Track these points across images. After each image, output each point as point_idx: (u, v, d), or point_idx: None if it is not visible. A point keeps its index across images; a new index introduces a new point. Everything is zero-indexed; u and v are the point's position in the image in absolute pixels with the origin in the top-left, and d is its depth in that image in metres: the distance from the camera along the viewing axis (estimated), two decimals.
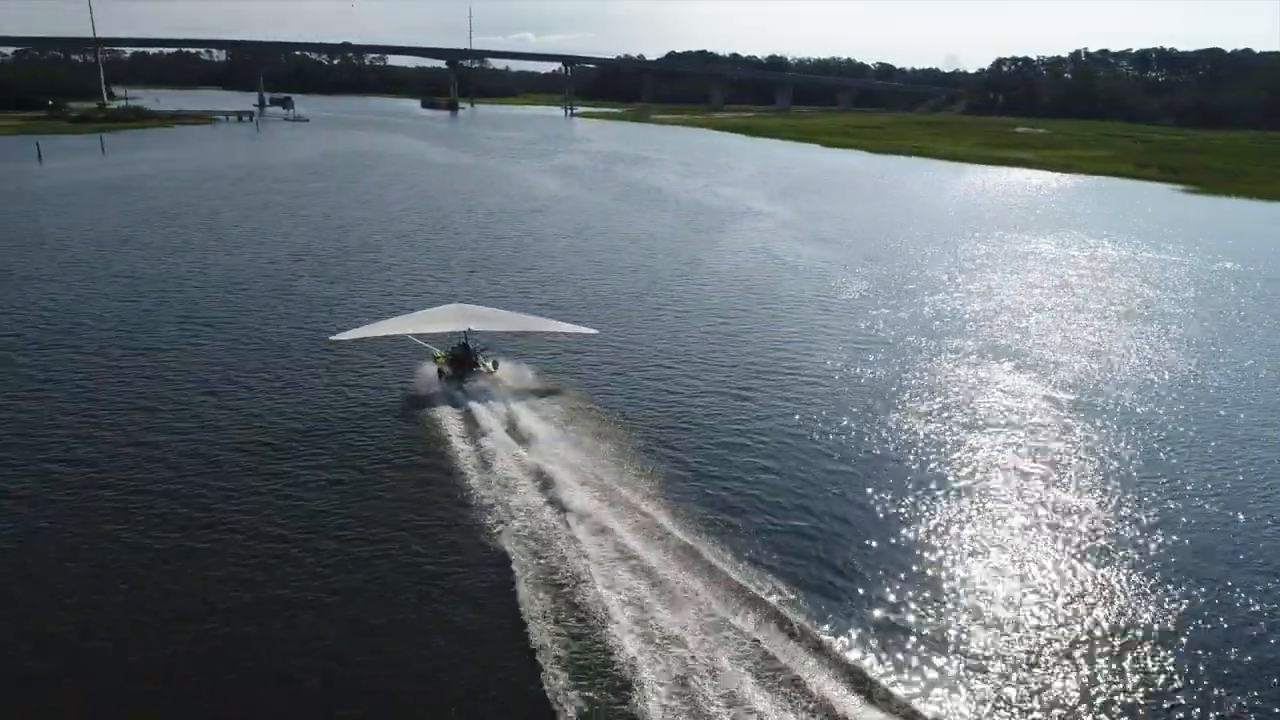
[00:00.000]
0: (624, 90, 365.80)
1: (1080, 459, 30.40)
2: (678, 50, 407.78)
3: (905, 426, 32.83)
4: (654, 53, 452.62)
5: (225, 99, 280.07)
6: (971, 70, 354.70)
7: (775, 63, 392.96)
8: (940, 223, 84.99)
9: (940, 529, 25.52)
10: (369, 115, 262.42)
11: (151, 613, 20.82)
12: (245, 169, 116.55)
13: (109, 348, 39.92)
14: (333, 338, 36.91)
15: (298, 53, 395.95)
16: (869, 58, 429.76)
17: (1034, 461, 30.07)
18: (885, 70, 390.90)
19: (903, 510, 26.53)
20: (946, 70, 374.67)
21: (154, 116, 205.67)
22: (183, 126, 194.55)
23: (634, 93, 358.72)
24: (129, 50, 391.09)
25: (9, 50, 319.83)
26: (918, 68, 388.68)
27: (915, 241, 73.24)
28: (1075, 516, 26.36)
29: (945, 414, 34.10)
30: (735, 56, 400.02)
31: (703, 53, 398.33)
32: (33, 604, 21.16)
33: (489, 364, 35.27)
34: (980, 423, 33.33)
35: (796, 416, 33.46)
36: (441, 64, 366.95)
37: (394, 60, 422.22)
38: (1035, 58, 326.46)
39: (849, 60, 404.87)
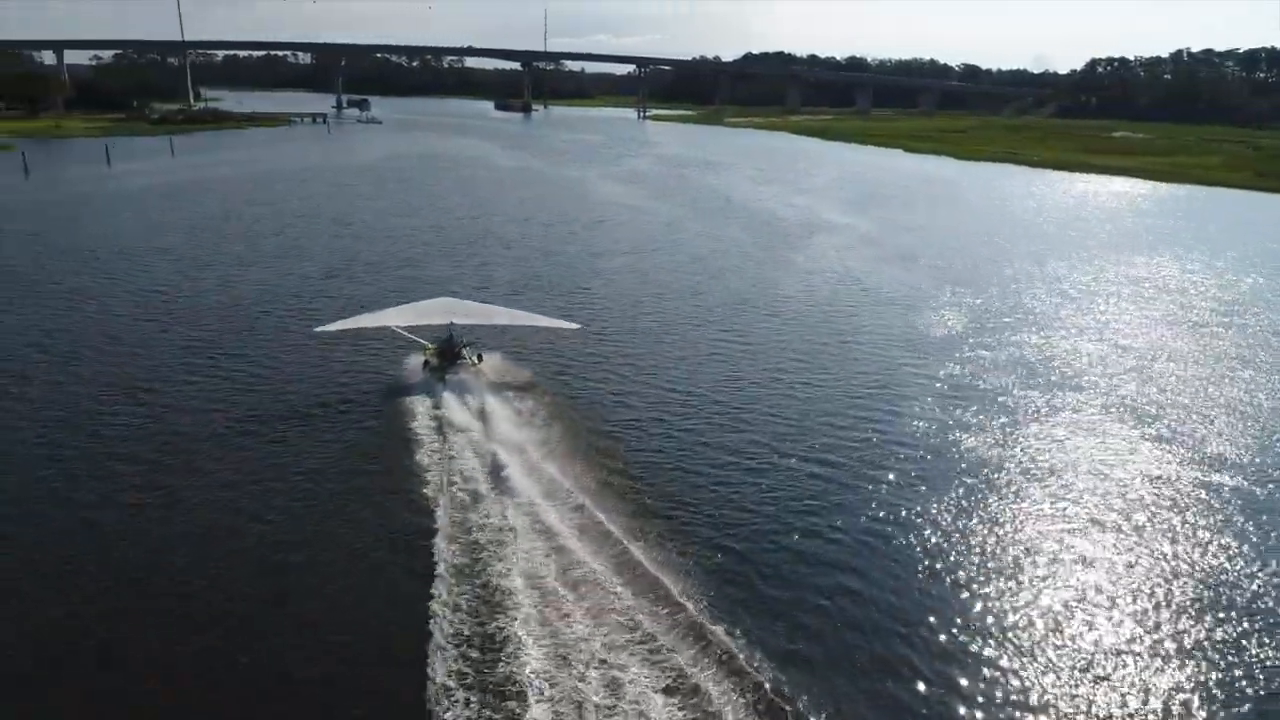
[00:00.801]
0: (698, 92, 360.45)
1: (1257, 580, 23.45)
2: (754, 51, 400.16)
3: (1014, 521, 26.21)
4: (730, 54, 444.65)
5: (307, 100, 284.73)
6: (1062, 71, 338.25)
7: (855, 63, 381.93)
8: (1037, 239, 76.88)
9: (1068, 692, 19.22)
10: (442, 117, 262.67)
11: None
12: (307, 173, 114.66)
13: (110, 359, 39.21)
14: (317, 329, 37.87)
15: (379, 55, 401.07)
16: (953, 58, 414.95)
17: (1199, 586, 23.03)
18: (970, 71, 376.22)
19: (1005, 649, 20.31)
20: (1036, 71, 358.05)
21: (231, 118, 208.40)
22: (257, 128, 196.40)
23: (708, 94, 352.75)
24: (220, 54, 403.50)
25: (108, 54, 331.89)
26: (1004, 69, 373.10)
27: (1011, 261, 65.65)
28: (1261, 674, 19.72)
29: (1069, 507, 27.07)
30: (813, 58, 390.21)
31: (780, 54, 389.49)
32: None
33: (474, 356, 36.04)
34: (1117, 522, 26.23)
35: (871, 491, 27.39)
36: (517, 66, 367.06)
37: (471, 62, 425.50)
38: (1133, 58, 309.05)
39: (932, 61, 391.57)
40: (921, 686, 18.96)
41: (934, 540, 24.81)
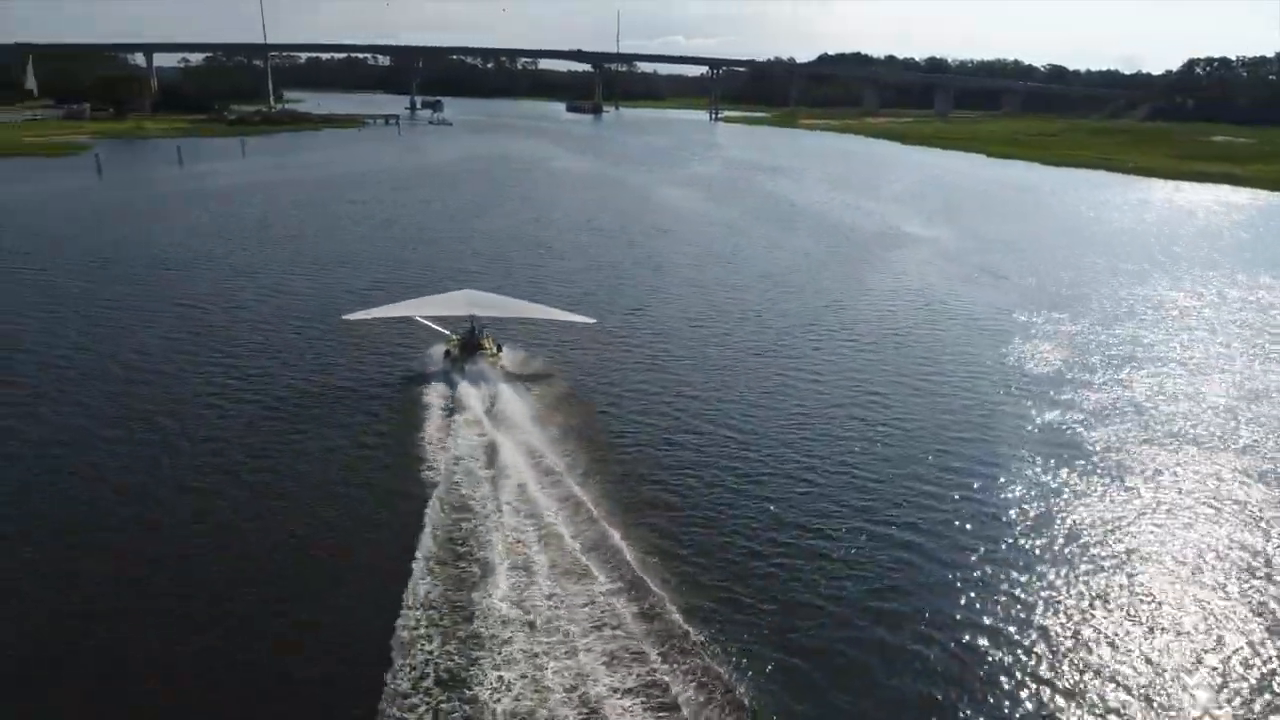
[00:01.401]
0: (772, 93, 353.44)
1: None
2: (830, 52, 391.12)
3: (1152, 629, 21.33)
4: (806, 55, 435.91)
5: (383, 102, 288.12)
6: (1156, 72, 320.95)
7: (935, 64, 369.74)
8: (1140, 255, 70.17)
9: None
10: (513, 118, 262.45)
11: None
12: (370, 176, 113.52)
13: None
14: (344, 317, 39.30)
15: (454, 57, 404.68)
16: (1038, 59, 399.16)
17: None
18: (1056, 72, 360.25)
19: None
20: (1127, 72, 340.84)
21: (306, 119, 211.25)
22: (331, 130, 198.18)
23: (782, 96, 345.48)
24: (304, 56, 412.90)
25: (198, 56, 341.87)
26: (1093, 69, 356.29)
27: (1112, 281, 59.53)
28: None
29: (1220, 605, 22.14)
30: (891, 58, 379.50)
31: (857, 54, 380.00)
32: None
33: (494, 348, 36.90)
34: None
35: (968, 573, 22.92)
36: (588, 68, 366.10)
37: (544, 64, 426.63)
38: (1235, 58, 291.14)
39: (1016, 62, 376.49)
40: None
41: (1053, 646, 20.18)
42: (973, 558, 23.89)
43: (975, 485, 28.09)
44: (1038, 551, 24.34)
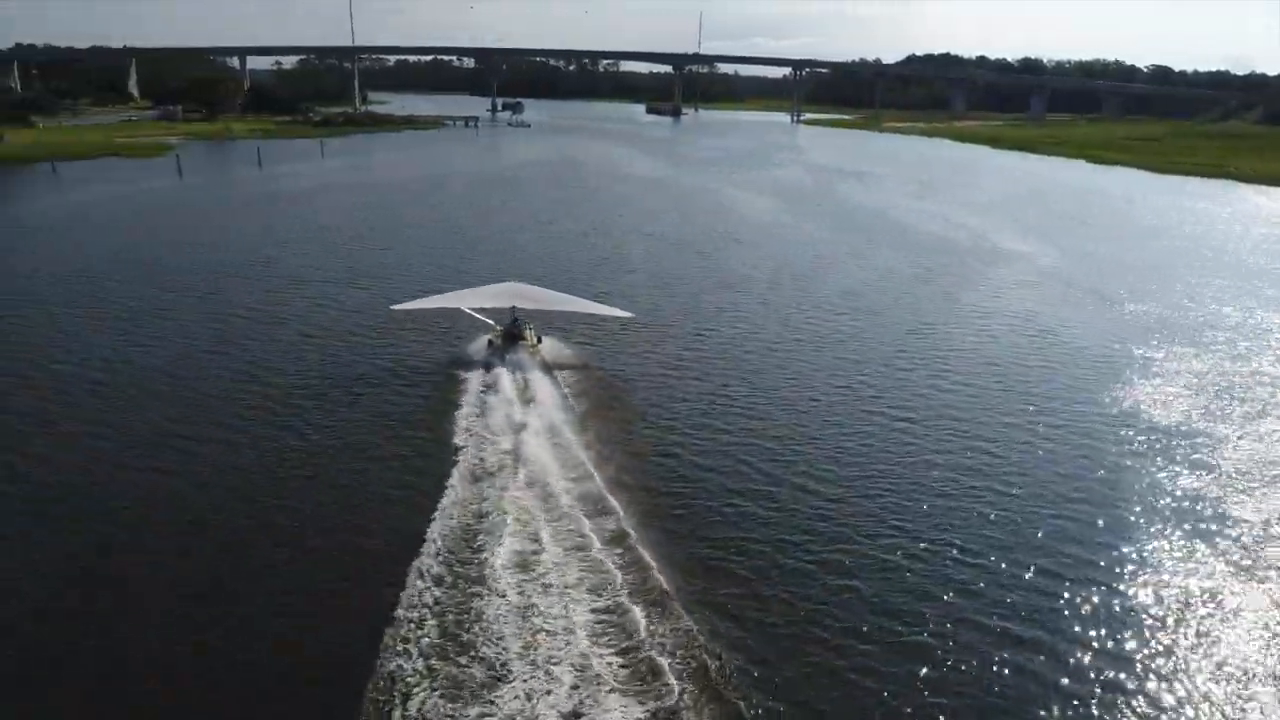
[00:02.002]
0: (856, 95, 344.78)
1: None
2: (918, 53, 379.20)
3: None
4: (892, 56, 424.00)
5: (467, 103, 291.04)
6: (1271, 73, 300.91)
7: (1029, 65, 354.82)
8: (1274, 277, 63.33)
9: None
10: (591, 120, 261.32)
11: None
12: (444, 178, 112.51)
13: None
14: (393, 307, 41.35)
15: (537, 59, 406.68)
16: (1139, 59, 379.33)
17: None
18: (1161, 73, 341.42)
19: None
20: (1240, 73, 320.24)
21: (388, 121, 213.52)
22: (413, 131, 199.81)
23: (867, 98, 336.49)
24: (392, 59, 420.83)
25: (292, 60, 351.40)
26: (1201, 70, 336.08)
27: (1241, 309, 53.06)
28: None
29: None
30: (982, 59, 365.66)
31: (946, 55, 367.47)
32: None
33: (535, 339, 38.34)
34: None
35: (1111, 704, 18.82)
36: (669, 69, 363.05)
37: (625, 66, 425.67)
38: None
39: (1116, 62, 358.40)
40: None
41: None
42: (1105, 671, 19.60)
43: (1099, 569, 23.58)
44: (1184, 668, 19.86)
